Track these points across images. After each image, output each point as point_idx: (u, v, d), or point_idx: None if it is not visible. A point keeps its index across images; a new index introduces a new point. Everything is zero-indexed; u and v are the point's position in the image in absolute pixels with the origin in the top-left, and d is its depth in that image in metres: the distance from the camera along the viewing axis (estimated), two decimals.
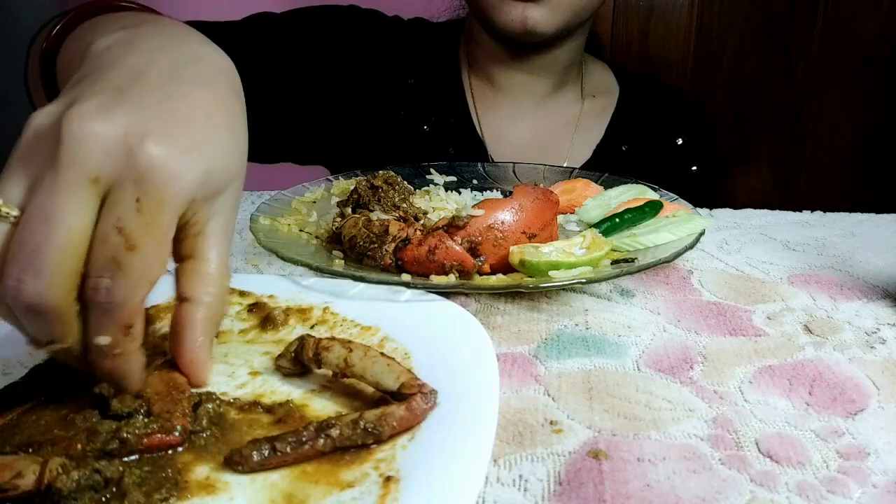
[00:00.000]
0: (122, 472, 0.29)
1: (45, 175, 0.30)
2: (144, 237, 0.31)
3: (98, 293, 0.30)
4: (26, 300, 0.30)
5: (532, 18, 0.78)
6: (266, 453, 0.30)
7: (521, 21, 0.79)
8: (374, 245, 0.52)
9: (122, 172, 0.31)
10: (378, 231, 0.53)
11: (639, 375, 0.40)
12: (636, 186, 0.68)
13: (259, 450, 0.30)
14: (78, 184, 0.30)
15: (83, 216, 0.30)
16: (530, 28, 0.79)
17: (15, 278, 0.30)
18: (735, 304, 0.51)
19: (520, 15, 0.78)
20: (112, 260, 0.30)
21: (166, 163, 0.31)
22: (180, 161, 0.32)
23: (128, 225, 0.30)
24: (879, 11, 1.44)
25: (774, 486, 0.31)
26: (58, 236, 0.30)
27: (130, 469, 0.29)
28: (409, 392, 0.34)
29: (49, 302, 0.30)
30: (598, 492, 0.31)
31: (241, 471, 0.30)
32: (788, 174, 1.57)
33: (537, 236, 0.52)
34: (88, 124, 0.30)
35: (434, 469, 0.29)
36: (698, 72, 1.52)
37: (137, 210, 0.31)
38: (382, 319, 0.44)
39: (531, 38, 0.81)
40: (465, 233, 0.50)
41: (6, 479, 0.28)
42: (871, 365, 0.42)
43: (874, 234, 0.67)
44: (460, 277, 0.50)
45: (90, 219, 0.31)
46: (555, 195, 0.55)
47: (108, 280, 0.30)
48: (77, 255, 0.30)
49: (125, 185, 0.31)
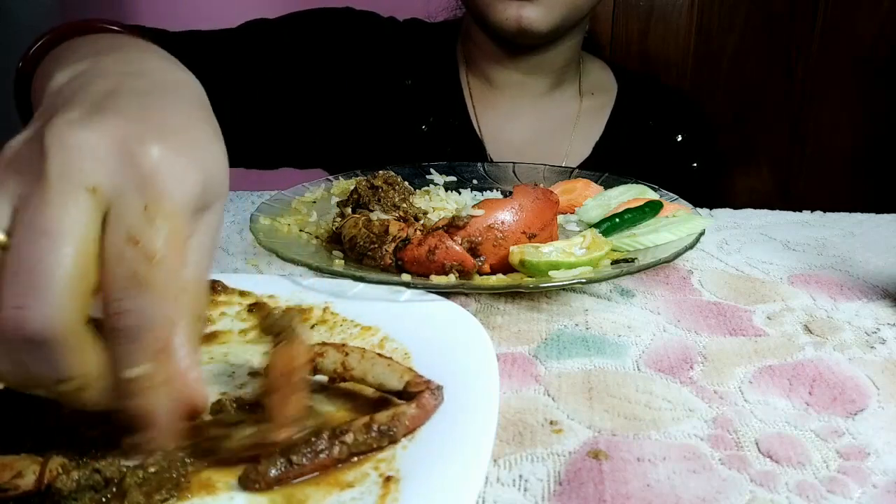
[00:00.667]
0: (123, 472, 0.29)
1: (33, 192, 0.26)
2: (164, 246, 0.27)
3: (124, 317, 0.27)
4: (30, 328, 0.25)
5: (527, 17, 0.78)
6: (283, 468, 0.29)
7: (516, 20, 0.79)
8: (374, 245, 0.52)
9: (123, 180, 0.27)
10: (378, 231, 0.53)
11: (639, 375, 0.40)
12: (636, 186, 0.68)
13: (275, 465, 0.29)
14: (74, 194, 0.26)
15: (85, 228, 0.26)
16: (525, 27, 0.79)
17: (14, 305, 0.25)
18: (735, 304, 0.51)
19: (514, 14, 0.79)
20: (133, 277, 0.27)
21: (173, 163, 0.28)
22: (185, 162, 0.29)
23: (143, 235, 0.27)
24: (879, 11, 1.44)
25: (774, 486, 0.31)
26: (60, 248, 0.26)
27: (133, 470, 0.29)
28: (417, 390, 0.33)
29: (57, 327, 0.25)
30: (598, 492, 0.31)
31: (259, 489, 0.29)
32: (788, 174, 1.57)
33: (537, 236, 0.52)
34: (76, 132, 0.27)
35: (434, 469, 0.29)
36: (698, 72, 1.52)
37: (148, 218, 0.27)
38: (382, 319, 0.44)
39: (526, 37, 0.81)
40: (465, 233, 0.50)
41: (6, 479, 0.27)
42: (871, 365, 0.42)
43: (874, 234, 0.67)
44: (460, 277, 0.50)
45: (94, 233, 0.27)
46: (555, 195, 0.55)
47: (131, 301, 0.27)
48: (83, 272, 0.26)
49: (128, 193, 0.27)
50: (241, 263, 0.59)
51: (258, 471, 0.29)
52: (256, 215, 0.59)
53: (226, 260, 0.60)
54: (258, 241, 0.53)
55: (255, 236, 0.54)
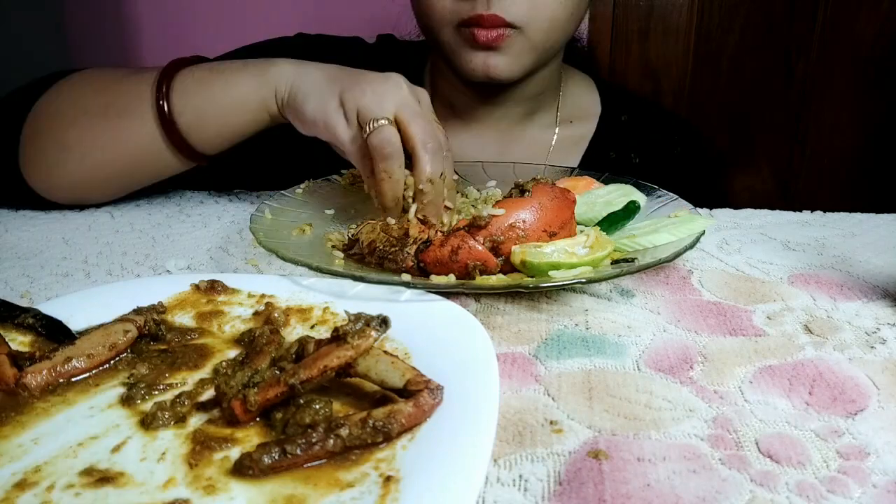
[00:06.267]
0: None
1: (406, 109, 0.58)
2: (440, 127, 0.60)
3: (429, 154, 0.57)
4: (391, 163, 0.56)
5: (494, 66, 0.76)
6: (276, 456, 0.30)
7: (483, 70, 0.76)
8: (394, 248, 0.52)
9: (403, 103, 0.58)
10: (398, 234, 0.53)
11: (639, 375, 0.40)
12: (623, 186, 0.67)
13: (269, 453, 0.30)
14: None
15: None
16: (493, 76, 0.76)
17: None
18: (735, 304, 0.51)
19: (481, 63, 0.76)
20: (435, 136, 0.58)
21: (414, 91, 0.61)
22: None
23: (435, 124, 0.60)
24: (879, 11, 1.44)
25: (774, 486, 0.31)
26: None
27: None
28: (416, 389, 0.34)
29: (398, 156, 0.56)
30: (598, 492, 0.31)
31: (252, 475, 0.30)
32: (788, 174, 1.57)
33: (557, 234, 0.52)
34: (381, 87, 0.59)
35: (434, 469, 0.29)
36: (698, 72, 1.52)
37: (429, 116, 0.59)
38: None
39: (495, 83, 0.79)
40: (487, 232, 0.50)
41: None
42: (871, 365, 0.42)
43: (874, 234, 0.67)
44: (480, 276, 0.50)
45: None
46: (571, 193, 0.55)
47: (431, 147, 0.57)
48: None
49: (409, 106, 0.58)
50: (241, 263, 0.59)
51: (252, 458, 0.30)
52: (256, 215, 0.59)
53: (226, 260, 0.60)
54: (258, 241, 0.53)
55: (255, 236, 0.54)
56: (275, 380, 0.34)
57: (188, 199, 0.80)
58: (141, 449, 0.32)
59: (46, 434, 0.33)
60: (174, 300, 0.46)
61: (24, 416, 0.34)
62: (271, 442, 0.31)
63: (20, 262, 0.59)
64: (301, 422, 0.32)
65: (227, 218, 0.72)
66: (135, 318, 0.42)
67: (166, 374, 0.38)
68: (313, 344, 0.37)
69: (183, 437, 0.33)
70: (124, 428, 0.34)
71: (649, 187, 0.67)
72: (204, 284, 0.47)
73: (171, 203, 0.79)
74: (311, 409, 0.33)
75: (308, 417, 0.32)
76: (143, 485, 0.30)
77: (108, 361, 0.39)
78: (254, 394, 0.33)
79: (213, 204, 0.78)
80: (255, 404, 0.33)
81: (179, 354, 0.40)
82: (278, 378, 0.34)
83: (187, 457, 0.31)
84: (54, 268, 0.58)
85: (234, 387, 0.34)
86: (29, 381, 0.36)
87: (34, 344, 0.41)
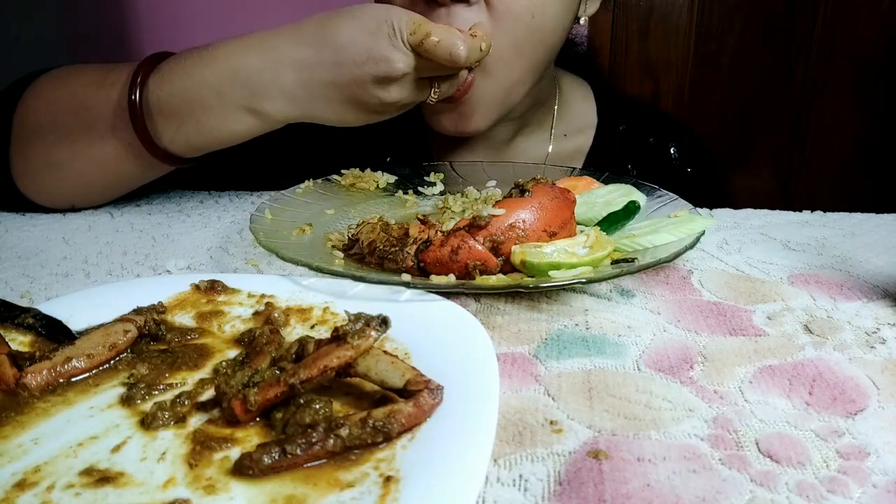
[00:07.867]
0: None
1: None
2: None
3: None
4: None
5: (463, 125, 0.74)
6: (276, 456, 0.30)
7: (454, 129, 0.75)
8: (394, 248, 0.52)
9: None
10: (398, 234, 0.53)
11: (639, 375, 0.40)
12: (623, 186, 0.67)
13: (269, 453, 0.30)
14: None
15: None
16: (466, 132, 0.75)
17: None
18: (735, 304, 0.51)
19: (451, 124, 0.75)
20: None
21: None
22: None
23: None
24: (879, 11, 1.44)
25: (774, 486, 0.31)
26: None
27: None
28: (416, 389, 0.34)
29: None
30: (598, 492, 0.31)
31: (252, 475, 0.30)
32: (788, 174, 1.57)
33: (558, 234, 0.52)
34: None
35: (434, 469, 0.29)
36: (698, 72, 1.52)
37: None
38: None
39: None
40: (487, 232, 0.50)
41: None
42: (871, 365, 0.42)
43: (874, 234, 0.67)
44: (480, 276, 0.50)
45: None
46: (571, 193, 0.55)
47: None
48: None
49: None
50: (241, 263, 0.59)
51: (252, 458, 0.30)
52: (256, 215, 0.59)
53: (226, 260, 0.60)
54: (258, 241, 0.54)
55: (255, 236, 0.54)
56: (275, 380, 0.34)
57: (188, 199, 0.80)
58: (141, 449, 0.32)
59: (46, 434, 0.33)
60: (174, 300, 0.46)
61: (24, 416, 0.34)
62: (271, 442, 0.31)
63: (20, 262, 0.59)
64: (301, 422, 0.32)
65: (227, 218, 0.72)
66: (135, 318, 0.42)
67: (166, 374, 0.38)
68: (313, 344, 0.37)
69: (183, 437, 0.33)
70: (124, 428, 0.34)
71: (649, 187, 0.67)
72: (204, 284, 0.48)
73: (171, 203, 0.79)
74: (311, 409, 0.33)
75: (308, 417, 0.32)
76: (143, 485, 0.30)
77: (108, 361, 0.39)
78: (254, 394, 0.33)
79: (213, 204, 0.78)
80: (255, 404, 0.33)
81: (179, 354, 0.40)
82: (278, 378, 0.34)
83: (187, 457, 0.31)
84: (54, 268, 0.58)
85: (234, 387, 0.34)
86: (29, 381, 0.36)
87: (34, 344, 0.41)
